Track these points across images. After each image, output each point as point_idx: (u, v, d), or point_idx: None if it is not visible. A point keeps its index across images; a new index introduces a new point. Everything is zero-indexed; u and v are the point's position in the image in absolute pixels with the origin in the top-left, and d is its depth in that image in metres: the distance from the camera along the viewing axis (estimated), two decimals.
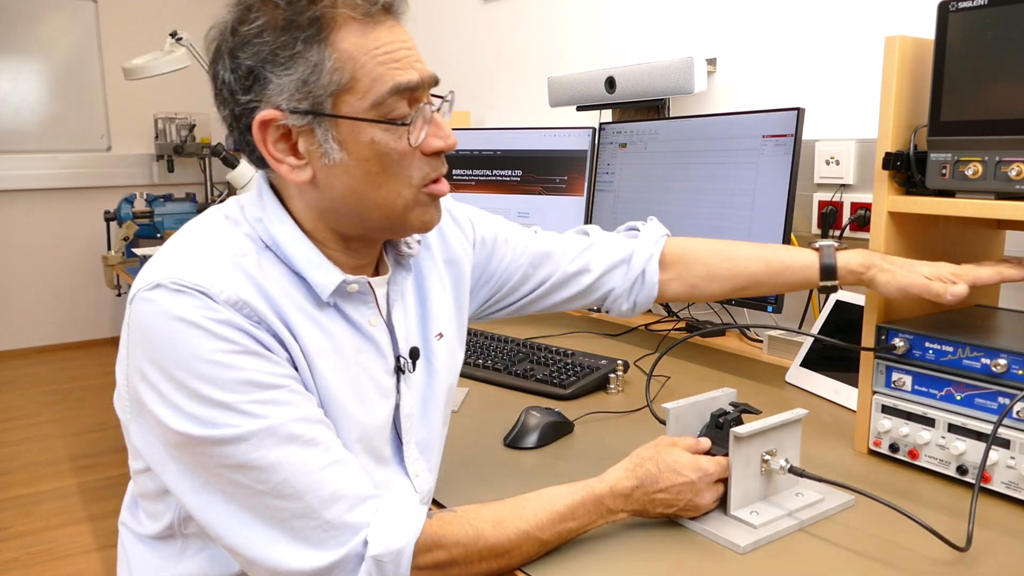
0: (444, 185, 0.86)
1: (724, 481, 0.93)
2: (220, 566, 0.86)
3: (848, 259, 1.04)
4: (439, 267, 1.02)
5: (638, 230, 1.20)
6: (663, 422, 1.00)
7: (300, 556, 0.76)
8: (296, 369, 0.81)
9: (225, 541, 0.78)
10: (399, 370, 0.93)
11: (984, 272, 1.01)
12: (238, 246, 0.82)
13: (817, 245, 1.08)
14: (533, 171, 1.99)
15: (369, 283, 0.89)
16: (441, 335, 0.99)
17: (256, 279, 0.80)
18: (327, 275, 0.84)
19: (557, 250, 1.14)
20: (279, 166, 0.81)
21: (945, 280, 0.99)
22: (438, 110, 0.84)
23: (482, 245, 1.09)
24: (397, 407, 0.92)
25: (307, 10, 0.76)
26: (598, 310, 1.16)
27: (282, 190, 0.87)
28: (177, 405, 0.75)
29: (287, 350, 0.80)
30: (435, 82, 0.84)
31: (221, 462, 0.75)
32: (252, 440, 0.75)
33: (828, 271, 1.05)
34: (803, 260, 1.08)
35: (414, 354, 0.95)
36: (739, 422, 0.95)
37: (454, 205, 1.09)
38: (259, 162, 0.84)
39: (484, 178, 2.05)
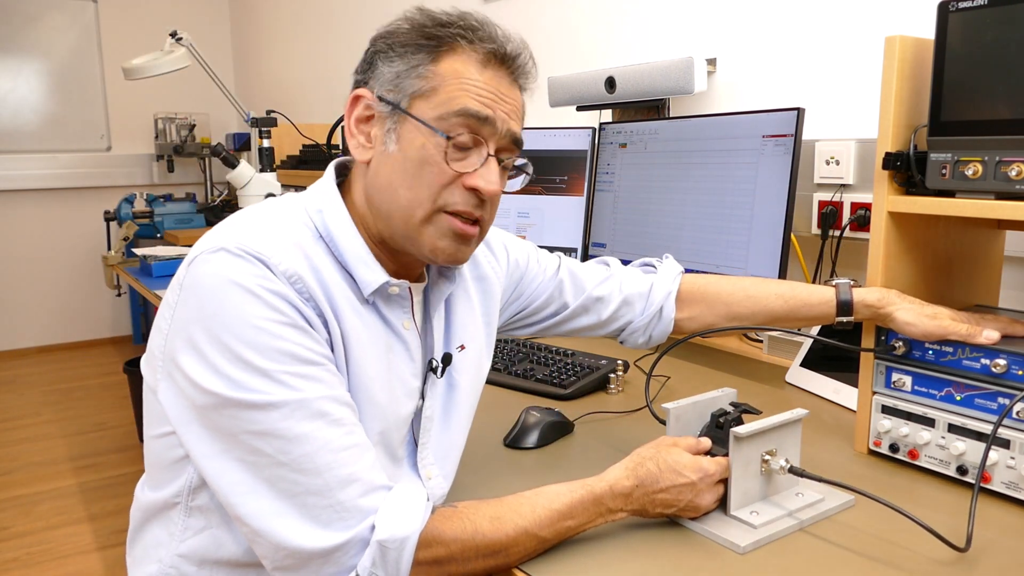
0: (466, 227, 0.87)
1: (724, 481, 0.93)
2: (221, 548, 0.87)
3: (864, 295, 1.07)
4: (467, 283, 1.04)
5: (654, 267, 1.24)
6: (663, 422, 1.00)
7: (307, 533, 0.77)
8: (332, 351, 0.84)
9: (235, 510, 0.79)
10: (431, 371, 0.96)
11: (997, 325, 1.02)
12: (299, 232, 0.86)
13: (834, 282, 1.11)
14: (533, 171, 1.99)
15: (409, 288, 0.92)
16: (463, 347, 1.01)
17: (312, 261, 0.84)
18: (373, 273, 0.87)
19: (581, 275, 1.17)
20: (351, 139, 0.88)
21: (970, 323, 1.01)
22: (503, 165, 0.89)
23: (516, 267, 1.13)
24: (419, 411, 0.95)
25: (438, 31, 0.85)
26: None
27: (349, 175, 0.93)
28: (216, 366, 0.77)
29: (328, 331, 0.83)
30: (516, 142, 0.89)
31: (248, 427, 0.77)
32: (284, 409, 0.77)
33: (844, 307, 1.08)
34: (821, 297, 1.10)
35: (446, 360, 0.98)
36: (739, 422, 0.95)
37: (490, 233, 1.11)
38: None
39: None
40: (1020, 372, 0.94)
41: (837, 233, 1.57)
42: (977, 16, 0.97)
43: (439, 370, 0.97)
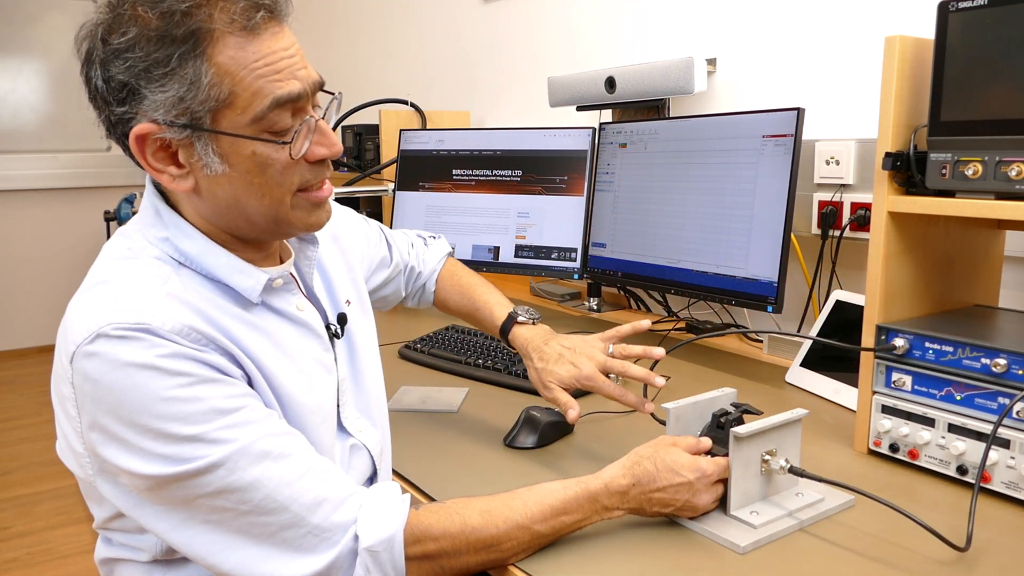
0: (325, 190, 0.86)
1: (724, 481, 0.93)
2: None
3: (517, 335, 1.20)
4: (327, 242, 1.06)
5: (425, 241, 1.41)
6: (663, 422, 1.00)
7: (296, 565, 0.76)
8: (252, 383, 0.81)
9: (219, 568, 0.77)
10: (333, 337, 0.96)
11: (606, 387, 1.10)
12: (157, 273, 0.80)
13: (512, 311, 1.22)
14: (533, 171, 1.98)
15: (291, 274, 0.91)
16: (349, 301, 1.04)
17: (189, 301, 0.79)
18: (251, 278, 0.84)
19: (395, 241, 1.33)
20: (160, 176, 0.80)
21: (576, 386, 1.11)
22: (324, 116, 0.84)
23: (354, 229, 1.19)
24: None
25: (182, 24, 0.73)
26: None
27: (171, 196, 0.85)
28: (145, 450, 0.73)
29: (239, 364, 0.80)
30: (320, 86, 0.83)
31: (200, 492, 0.75)
32: (227, 464, 0.74)
33: (505, 339, 1.22)
34: (491, 319, 1.24)
35: (341, 320, 0.99)
36: (740, 422, 0.95)
37: None
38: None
39: (484, 178, 2.05)
40: (1020, 372, 0.94)
41: (837, 233, 1.57)
42: (977, 16, 0.97)
43: (339, 331, 0.97)
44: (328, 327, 0.95)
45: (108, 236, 4.16)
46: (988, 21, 0.96)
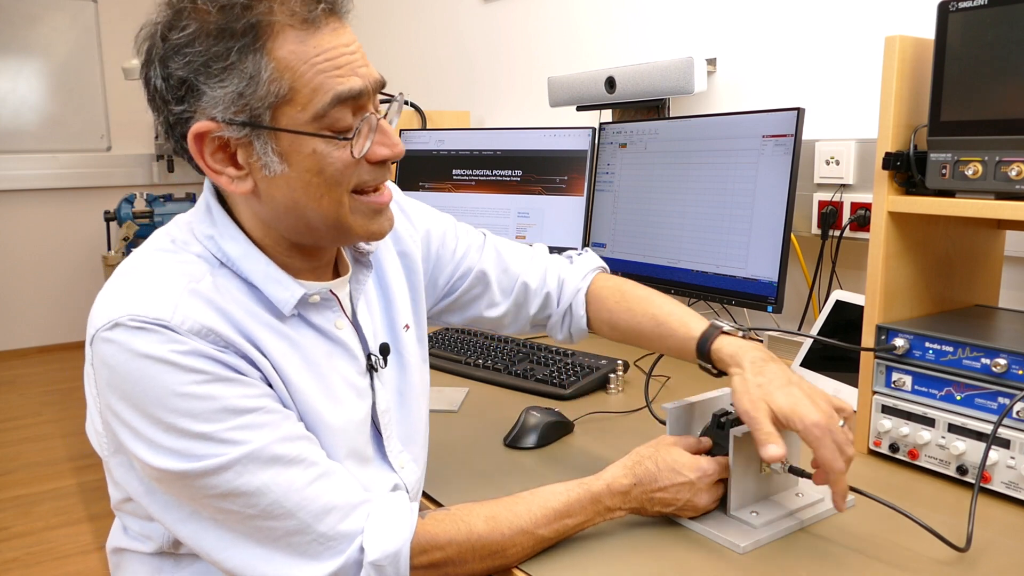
0: (385, 195, 0.84)
1: (724, 481, 0.93)
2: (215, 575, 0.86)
3: (724, 347, 0.96)
4: (394, 259, 1.01)
5: (571, 259, 1.19)
6: (663, 422, 1.00)
7: (299, 570, 0.76)
8: (271, 386, 0.80)
9: (222, 565, 0.77)
10: (371, 368, 0.92)
11: (832, 454, 0.85)
12: (191, 270, 0.79)
13: (721, 325, 1.00)
14: (533, 171, 1.99)
15: (333, 292, 0.88)
16: (408, 326, 0.99)
17: (216, 302, 0.78)
18: (286, 290, 0.82)
19: (507, 256, 1.14)
20: (218, 178, 0.78)
21: (794, 426, 0.85)
22: (385, 116, 0.82)
23: (427, 237, 1.08)
24: (374, 405, 0.92)
25: (242, 17, 0.72)
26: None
27: (228, 198, 0.84)
28: (155, 442, 0.73)
29: (259, 369, 0.79)
30: (381, 86, 0.81)
31: (207, 492, 0.74)
32: (236, 467, 0.74)
33: (701, 350, 0.98)
34: (686, 333, 1.01)
35: (384, 350, 0.94)
36: (740, 422, 0.95)
37: (403, 198, 1.08)
38: (201, 170, 0.80)
39: (484, 178, 2.05)
40: (1020, 372, 0.94)
41: (837, 233, 1.57)
42: (977, 16, 0.97)
43: (380, 363, 0.93)
44: (368, 356, 0.92)
45: (108, 236, 4.16)
46: (988, 21, 0.96)
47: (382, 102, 0.84)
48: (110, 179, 4.84)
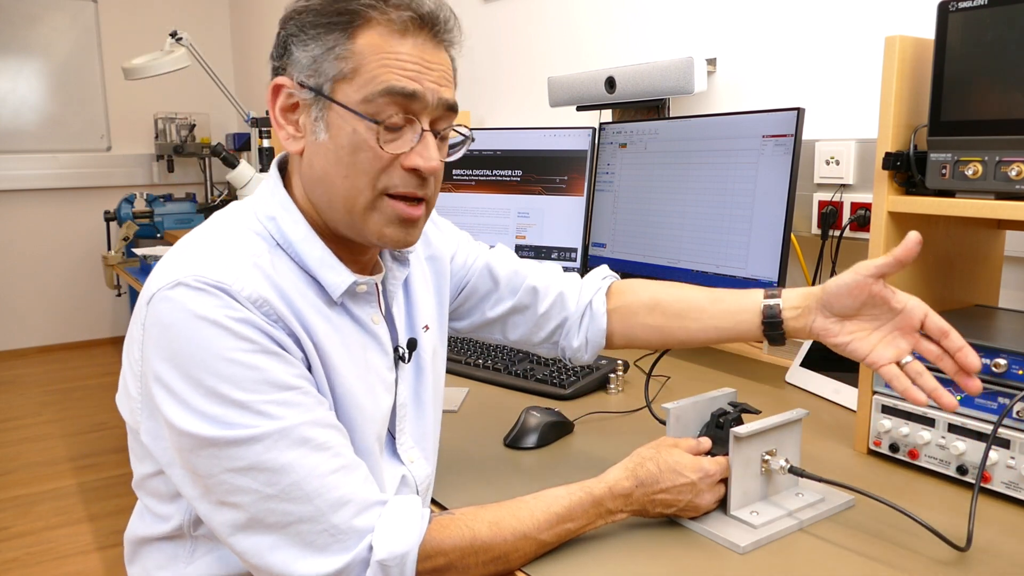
0: (411, 209, 0.84)
1: (725, 481, 0.93)
2: (229, 567, 0.86)
3: (790, 297, 0.97)
4: (422, 263, 1.04)
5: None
6: (663, 422, 1.00)
7: (305, 561, 0.76)
8: (310, 368, 0.82)
9: (232, 547, 0.78)
10: (399, 359, 0.95)
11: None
12: (254, 246, 0.83)
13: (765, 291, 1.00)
14: (533, 171, 1.99)
15: (377, 285, 0.91)
16: (427, 327, 1.01)
17: (273, 279, 0.81)
18: (339, 276, 0.85)
19: (515, 263, 1.13)
20: (279, 130, 0.85)
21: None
22: (441, 136, 0.85)
23: (455, 250, 1.11)
24: (395, 402, 0.94)
25: (351, 5, 0.80)
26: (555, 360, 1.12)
27: (287, 178, 0.89)
28: (192, 405, 0.75)
29: (302, 349, 0.81)
30: (448, 107, 0.85)
31: (230, 465, 0.75)
32: (267, 441, 0.75)
33: (770, 312, 0.97)
34: (739, 303, 1.01)
35: (411, 345, 0.97)
36: (739, 422, 0.95)
37: (435, 216, 1.10)
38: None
39: (484, 178, 2.05)
40: (1020, 372, 0.94)
41: (837, 233, 1.57)
42: (977, 16, 0.97)
43: (407, 356, 0.96)
44: (396, 349, 0.95)
45: (108, 236, 4.16)
46: (988, 21, 0.96)
47: (454, 142, 0.89)
48: (110, 179, 4.84)
